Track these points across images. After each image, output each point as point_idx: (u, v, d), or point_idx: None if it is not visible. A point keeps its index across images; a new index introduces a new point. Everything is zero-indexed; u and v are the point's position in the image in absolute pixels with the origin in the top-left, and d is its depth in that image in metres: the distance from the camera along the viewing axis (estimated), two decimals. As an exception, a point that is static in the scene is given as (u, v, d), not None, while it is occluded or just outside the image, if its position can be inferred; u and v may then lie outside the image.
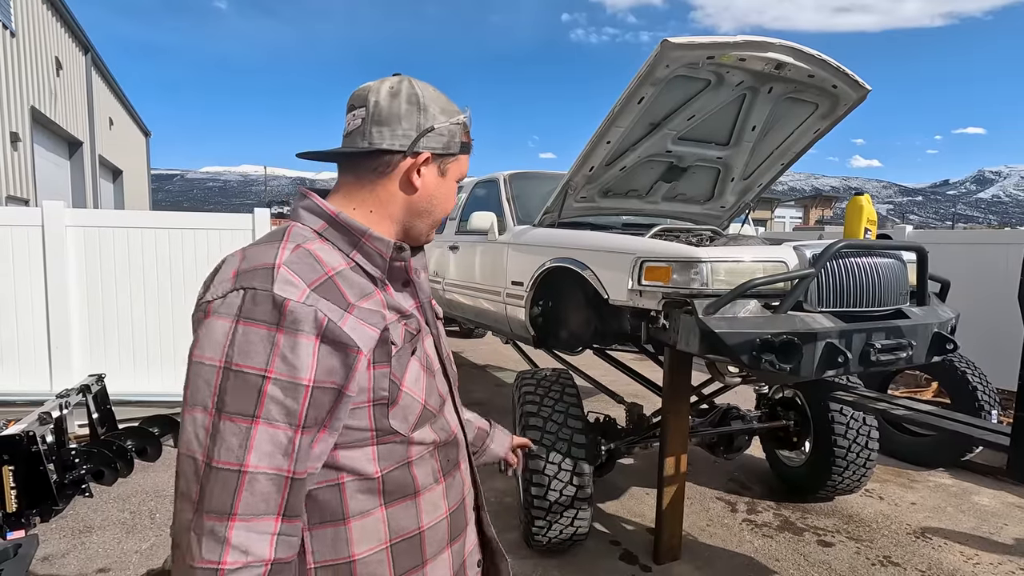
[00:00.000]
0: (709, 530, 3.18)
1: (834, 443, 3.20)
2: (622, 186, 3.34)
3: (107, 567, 2.70)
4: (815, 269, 2.15)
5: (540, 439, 2.58)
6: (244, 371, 0.70)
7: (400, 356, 0.81)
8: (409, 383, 0.83)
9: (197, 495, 0.70)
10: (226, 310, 0.72)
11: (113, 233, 4.66)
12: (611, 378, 3.59)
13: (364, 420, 0.79)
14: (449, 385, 0.97)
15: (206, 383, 0.71)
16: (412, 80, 0.90)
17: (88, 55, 14.92)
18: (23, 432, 2.92)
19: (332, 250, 0.82)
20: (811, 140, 3.27)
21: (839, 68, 2.82)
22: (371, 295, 0.81)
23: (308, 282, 0.75)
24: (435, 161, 0.90)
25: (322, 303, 0.74)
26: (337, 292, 0.77)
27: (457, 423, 0.97)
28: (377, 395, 0.79)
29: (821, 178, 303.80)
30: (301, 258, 0.77)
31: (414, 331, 0.86)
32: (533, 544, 2.74)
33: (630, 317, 2.68)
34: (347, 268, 0.81)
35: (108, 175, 17.77)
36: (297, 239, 0.80)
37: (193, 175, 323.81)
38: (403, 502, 0.84)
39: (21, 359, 4.56)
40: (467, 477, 1.00)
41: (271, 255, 0.76)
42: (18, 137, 10.46)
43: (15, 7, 10.65)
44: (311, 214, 0.85)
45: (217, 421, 0.70)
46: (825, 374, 2.08)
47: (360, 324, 0.76)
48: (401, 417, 0.82)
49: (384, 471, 0.82)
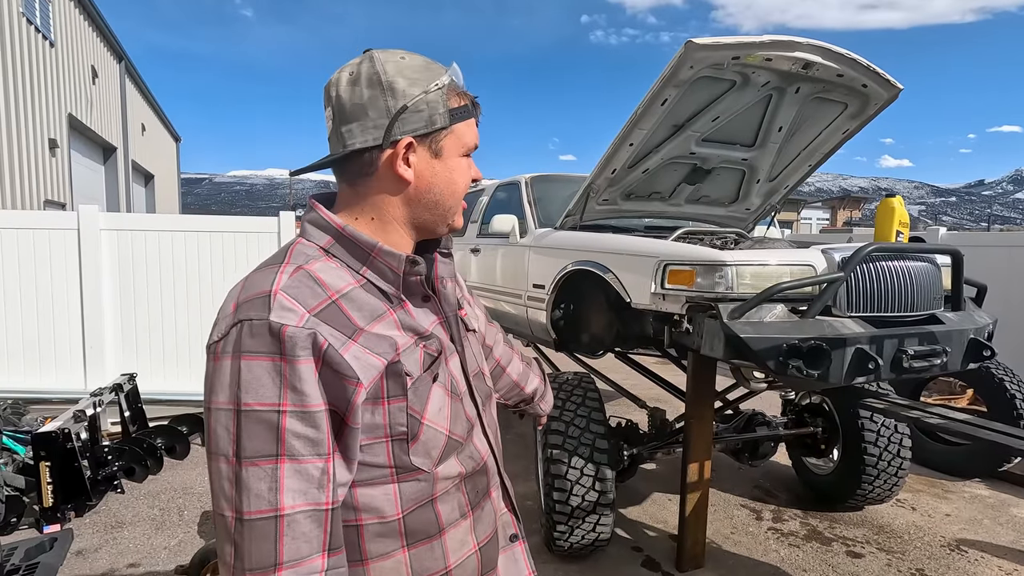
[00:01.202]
0: (733, 538, 3.12)
1: (865, 450, 3.12)
2: (645, 188, 3.31)
3: (137, 562, 2.77)
4: (844, 273, 2.10)
5: (562, 444, 2.56)
6: (257, 409, 0.65)
7: (418, 387, 0.75)
8: (431, 415, 0.76)
9: (232, 555, 0.65)
10: (230, 348, 0.67)
11: (145, 236, 4.80)
12: (632, 382, 3.55)
13: (382, 456, 0.73)
14: (477, 407, 0.88)
15: (224, 429, 0.66)
16: (375, 56, 0.77)
17: (122, 63, 15.40)
18: (59, 429, 3.01)
19: (340, 268, 0.76)
20: (840, 140, 3.19)
21: (869, 67, 2.75)
22: (383, 316, 0.75)
23: (308, 307, 0.69)
24: (421, 143, 0.78)
25: (323, 328, 0.69)
26: (342, 317, 0.71)
27: (487, 447, 0.88)
28: (395, 431, 0.73)
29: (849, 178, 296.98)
30: (300, 281, 0.71)
31: (435, 353, 0.79)
32: (555, 549, 2.72)
33: (653, 321, 2.65)
34: (356, 287, 0.75)
35: (140, 179, 18.29)
36: (299, 260, 0.74)
37: (221, 179, 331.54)
38: (427, 543, 0.77)
39: (57, 358, 4.72)
40: (500, 504, 0.90)
41: (269, 280, 0.71)
42: (56, 144, 10.84)
43: (54, 18, 11.05)
44: (317, 229, 0.78)
45: (239, 470, 0.65)
46: (855, 381, 2.03)
47: (365, 353, 0.70)
48: (423, 453, 0.75)
49: (405, 512, 0.75)
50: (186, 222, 4.99)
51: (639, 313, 2.66)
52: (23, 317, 4.62)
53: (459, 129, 0.80)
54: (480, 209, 4.53)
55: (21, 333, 4.60)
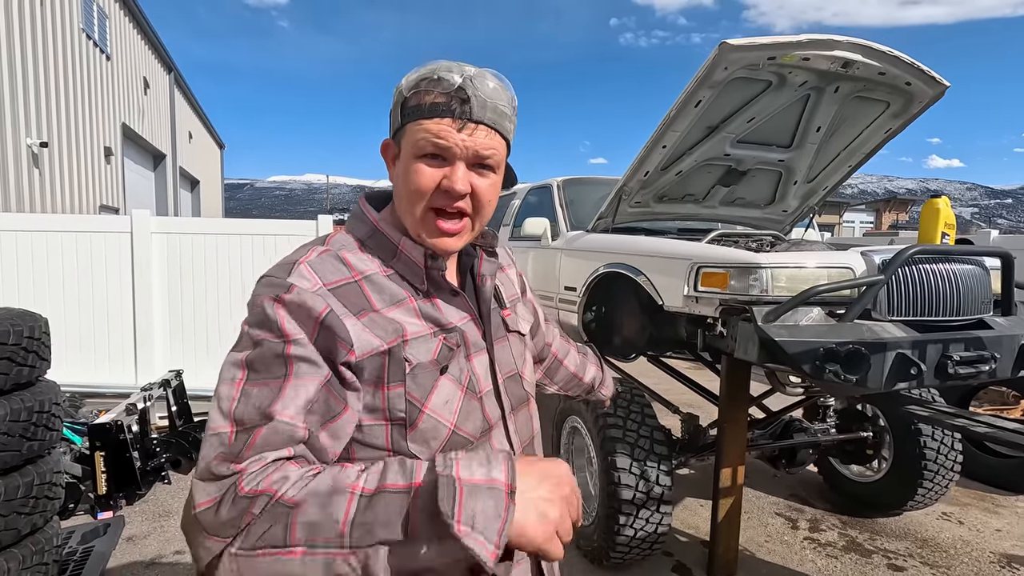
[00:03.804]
0: (767, 546, 3.05)
1: (923, 455, 3.05)
2: (678, 191, 3.28)
3: (182, 550, 2.89)
4: (885, 276, 2.04)
5: (629, 467, 2.51)
6: (266, 340, 0.70)
7: (417, 374, 0.75)
8: (435, 405, 0.76)
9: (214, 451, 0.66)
10: (249, 302, 0.75)
11: (192, 239, 5.02)
12: (665, 387, 3.52)
13: (381, 439, 0.75)
14: (503, 410, 0.86)
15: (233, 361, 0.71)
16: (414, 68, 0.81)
17: (171, 74, 16.11)
18: (113, 421, 3.18)
19: (371, 259, 0.80)
20: (882, 140, 3.10)
21: (913, 64, 2.67)
22: (402, 303, 0.78)
23: (325, 281, 0.74)
24: (394, 144, 0.82)
25: (331, 300, 0.73)
26: (359, 295, 0.75)
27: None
28: (394, 415, 0.75)
29: (895, 180, 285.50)
30: (326, 260, 0.77)
31: (452, 346, 0.80)
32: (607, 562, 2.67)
33: (686, 324, 2.63)
34: (382, 274, 0.79)
35: (187, 185, 19.08)
36: (334, 246, 0.80)
37: (261, 184, 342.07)
38: None
39: (111, 354, 4.97)
40: None
41: (300, 255, 0.78)
42: (111, 151, 11.43)
43: (110, 33, 11.66)
44: (358, 221, 0.84)
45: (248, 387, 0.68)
46: (896, 387, 1.97)
47: (363, 330, 0.73)
48: (421, 441, 0.76)
49: None
50: (230, 226, 5.19)
51: (672, 316, 2.64)
52: (80, 315, 4.90)
53: (410, 128, 0.77)
54: (512, 212, 4.57)
55: (78, 331, 4.87)
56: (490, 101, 0.76)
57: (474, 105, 0.75)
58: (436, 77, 0.75)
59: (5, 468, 1.94)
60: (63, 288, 4.90)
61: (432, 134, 0.75)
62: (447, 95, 0.75)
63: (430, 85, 0.75)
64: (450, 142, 0.75)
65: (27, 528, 1.99)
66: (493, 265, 0.91)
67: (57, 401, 2.18)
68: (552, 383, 1.27)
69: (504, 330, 0.91)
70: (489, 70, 0.78)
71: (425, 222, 0.80)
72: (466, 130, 0.75)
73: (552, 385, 1.28)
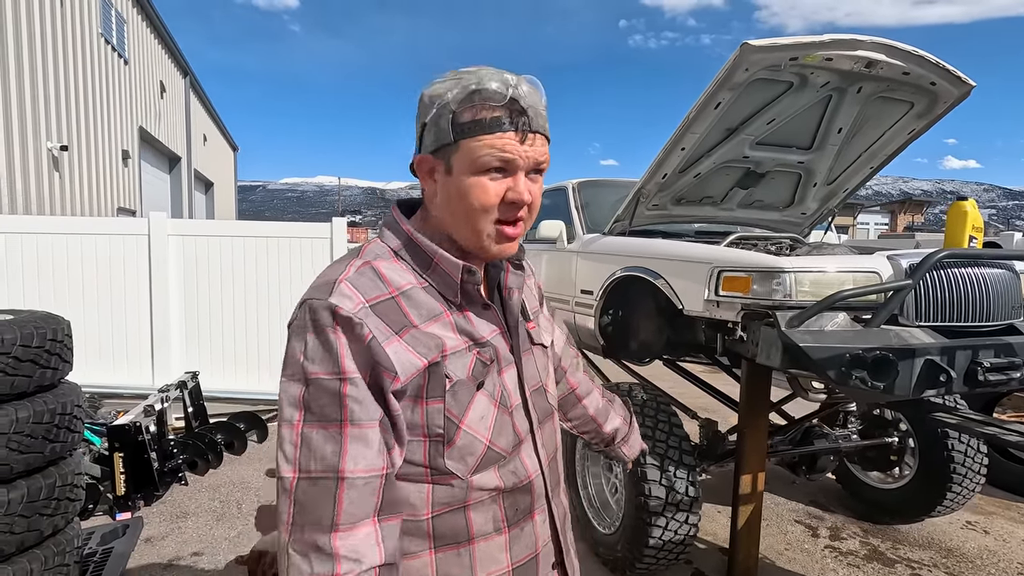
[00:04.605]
0: (787, 554, 3.00)
1: (951, 459, 3.01)
2: (696, 193, 3.25)
3: (200, 551, 2.91)
4: (913, 280, 2.00)
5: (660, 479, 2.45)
6: (322, 378, 0.70)
7: (458, 390, 0.76)
8: (472, 421, 0.77)
9: (291, 514, 0.69)
10: (297, 327, 0.74)
11: (207, 241, 5.06)
12: (679, 391, 3.48)
13: (418, 455, 0.75)
14: (531, 423, 0.86)
15: (292, 397, 0.71)
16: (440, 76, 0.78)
17: (187, 78, 16.31)
18: (132, 422, 3.21)
19: (406, 270, 0.79)
20: (905, 141, 3.05)
21: (938, 63, 2.62)
22: (439, 317, 0.78)
23: (366, 298, 0.74)
24: (439, 160, 0.78)
25: (372, 319, 0.72)
26: (398, 312, 0.75)
27: (536, 467, 0.86)
28: (432, 432, 0.75)
29: (911, 181, 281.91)
30: (364, 275, 0.76)
31: (487, 361, 0.80)
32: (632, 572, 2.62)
33: (705, 328, 2.59)
34: (418, 287, 0.78)
35: (201, 187, 19.30)
36: (369, 256, 0.79)
37: (274, 186, 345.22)
38: (454, 548, 0.77)
39: (128, 356, 5.02)
40: (542, 530, 0.87)
41: (338, 271, 0.77)
42: (128, 154, 11.58)
43: (128, 37, 11.83)
44: (391, 232, 0.83)
45: (306, 431, 0.69)
46: (924, 394, 1.93)
47: (405, 350, 0.73)
48: (458, 458, 0.76)
49: (435, 513, 0.76)
50: (245, 228, 5.23)
51: (691, 320, 2.61)
52: (99, 317, 4.95)
53: (466, 145, 0.75)
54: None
55: (97, 332, 4.92)
56: (538, 108, 0.77)
57: (530, 116, 0.76)
58: (486, 89, 0.74)
59: (28, 470, 1.96)
60: (82, 290, 4.96)
61: (497, 149, 0.75)
62: (504, 109, 0.74)
63: (483, 99, 0.74)
64: (516, 155, 0.76)
65: (49, 529, 2.00)
66: (519, 278, 0.91)
67: (79, 403, 2.20)
68: (565, 419, 1.20)
69: (529, 343, 0.91)
70: (524, 76, 0.77)
71: (491, 234, 0.79)
72: (527, 141, 0.76)
73: (565, 422, 1.21)
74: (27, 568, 1.89)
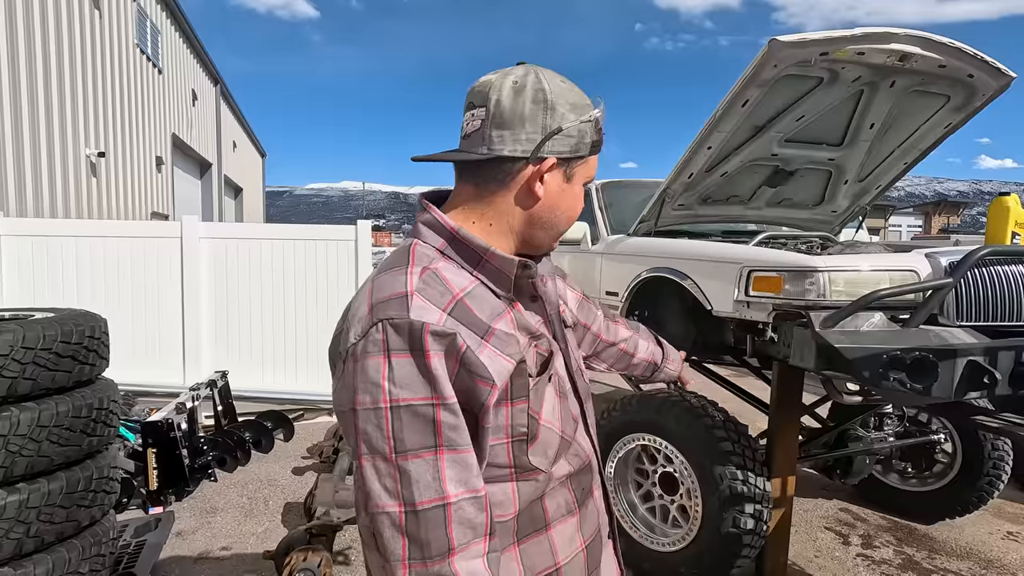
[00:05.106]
0: (817, 562, 2.92)
1: (985, 460, 2.98)
2: (723, 192, 3.20)
3: (228, 546, 2.96)
4: (953, 279, 1.93)
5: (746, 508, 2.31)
6: (413, 404, 0.67)
7: (538, 388, 0.77)
8: (547, 415, 0.78)
9: (405, 548, 0.66)
10: (373, 348, 0.68)
11: (237, 244, 5.16)
12: (704, 393, 3.42)
13: (503, 457, 0.75)
14: (581, 404, 0.89)
15: (377, 428, 0.67)
16: (540, 72, 0.78)
17: (218, 86, 16.75)
18: (164, 419, 3.29)
19: (457, 269, 0.77)
20: (941, 136, 2.96)
21: (976, 55, 2.54)
22: (503, 315, 0.76)
23: (442, 306, 0.71)
24: (561, 166, 0.79)
25: (461, 329, 0.70)
26: (472, 315, 0.72)
27: (590, 445, 0.89)
28: (516, 432, 0.75)
29: (945, 182, 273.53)
30: (429, 282, 0.73)
31: (545, 353, 0.81)
32: None
33: (734, 329, 2.55)
34: (476, 286, 0.76)
35: (231, 192, 19.77)
36: (422, 261, 0.75)
37: (300, 191, 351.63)
38: (535, 537, 0.79)
39: (161, 355, 5.15)
40: (601, 504, 0.92)
41: (401, 282, 0.72)
42: (162, 161, 11.93)
43: (162, 47, 12.20)
44: (431, 231, 0.80)
45: (403, 464, 0.66)
46: (966, 396, 1.86)
47: (497, 355, 0.72)
48: (542, 453, 0.78)
49: (521, 509, 0.77)
50: (273, 230, 5.33)
51: (719, 321, 2.57)
52: (133, 317, 5.09)
53: (591, 161, 0.83)
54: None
55: (131, 331, 5.06)
56: None
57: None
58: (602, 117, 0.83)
59: (67, 463, 2.02)
60: (118, 291, 5.11)
61: (595, 166, 0.85)
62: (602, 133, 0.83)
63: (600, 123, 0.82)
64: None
65: (86, 520, 2.06)
66: (548, 265, 0.91)
67: (115, 399, 2.26)
68: (599, 360, 1.28)
69: (564, 326, 0.92)
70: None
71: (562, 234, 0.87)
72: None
73: (600, 363, 1.29)
74: (65, 558, 1.95)
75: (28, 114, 7.14)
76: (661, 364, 1.35)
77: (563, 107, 0.77)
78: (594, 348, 1.26)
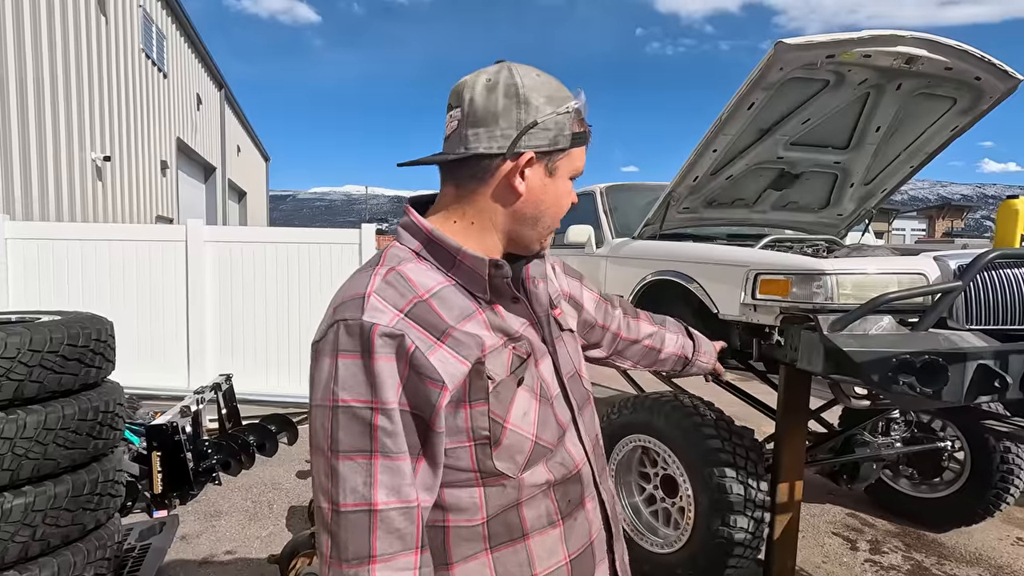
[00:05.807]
0: (825, 567, 2.90)
1: (999, 465, 2.93)
2: (728, 195, 3.19)
3: (233, 550, 2.95)
4: (963, 282, 1.92)
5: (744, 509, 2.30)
6: (352, 406, 0.67)
7: (500, 391, 0.74)
8: (515, 419, 0.75)
9: (329, 545, 0.68)
10: (326, 347, 0.70)
11: (242, 248, 5.18)
12: (709, 397, 3.41)
13: (465, 460, 0.73)
14: (572, 411, 0.86)
15: (321, 425, 0.69)
16: (513, 68, 0.78)
17: (222, 91, 16.83)
18: (169, 423, 3.29)
19: (430, 270, 0.77)
20: (948, 138, 2.95)
21: (983, 57, 2.53)
22: (472, 316, 0.75)
23: (398, 307, 0.71)
24: (541, 160, 0.78)
25: (412, 331, 0.69)
26: (432, 315, 0.72)
27: (582, 454, 0.85)
28: (478, 435, 0.73)
29: (949, 185, 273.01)
30: (392, 283, 0.73)
31: (523, 355, 0.78)
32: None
33: (740, 332, 2.54)
34: (447, 287, 0.76)
35: (235, 196, 19.84)
36: (392, 262, 0.76)
37: (303, 195, 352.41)
38: (510, 546, 0.76)
39: (166, 358, 5.16)
40: (595, 517, 0.86)
41: (363, 283, 0.73)
42: (167, 165, 11.99)
43: (167, 52, 12.27)
44: (408, 233, 0.80)
45: (335, 464, 0.67)
46: (977, 400, 1.84)
47: (450, 356, 0.71)
48: (507, 457, 0.75)
49: (490, 515, 0.75)
50: (276, 234, 5.35)
51: (725, 325, 2.56)
52: (138, 321, 5.11)
53: (574, 153, 0.82)
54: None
55: (136, 334, 5.07)
56: None
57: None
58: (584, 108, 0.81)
59: (73, 465, 2.02)
60: (123, 294, 5.13)
61: (583, 160, 0.84)
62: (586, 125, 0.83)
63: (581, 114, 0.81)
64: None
65: (92, 523, 2.06)
66: (541, 267, 0.90)
67: (121, 402, 2.26)
68: (623, 359, 1.26)
69: (559, 329, 0.90)
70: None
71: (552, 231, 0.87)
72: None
73: (625, 361, 1.26)
74: (70, 561, 1.94)
75: (35, 118, 7.19)
76: (692, 357, 1.32)
77: (537, 100, 0.76)
78: (615, 347, 1.24)
